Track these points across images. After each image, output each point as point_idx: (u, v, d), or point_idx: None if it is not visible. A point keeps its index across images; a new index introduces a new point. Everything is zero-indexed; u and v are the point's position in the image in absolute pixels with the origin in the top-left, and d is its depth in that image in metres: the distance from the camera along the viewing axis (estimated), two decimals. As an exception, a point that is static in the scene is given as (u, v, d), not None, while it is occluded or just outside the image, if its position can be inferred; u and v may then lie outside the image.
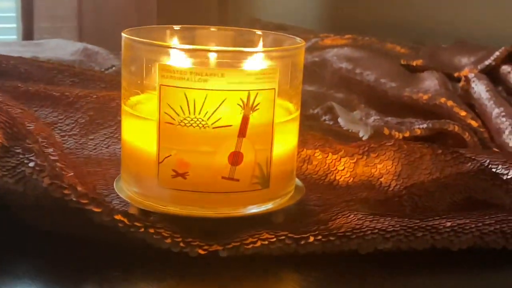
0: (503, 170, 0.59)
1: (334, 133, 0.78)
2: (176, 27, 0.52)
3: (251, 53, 0.46)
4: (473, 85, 0.87)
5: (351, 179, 0.58)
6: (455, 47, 1.08)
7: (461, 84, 0.90)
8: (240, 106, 0.45)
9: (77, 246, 0.47)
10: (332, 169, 0.59)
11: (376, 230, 0.46)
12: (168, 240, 0.45)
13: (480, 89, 0.86)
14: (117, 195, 0.53)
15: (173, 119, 0.45)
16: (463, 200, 0.53)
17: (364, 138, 0.78)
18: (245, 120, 0.46)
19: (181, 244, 0.45)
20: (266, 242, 0.45)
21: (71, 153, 0.62)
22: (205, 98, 0.45)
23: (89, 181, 0.54)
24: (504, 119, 0.79)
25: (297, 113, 0.50)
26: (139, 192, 0.49)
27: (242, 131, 0.46)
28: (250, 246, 0.45)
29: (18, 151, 0.48)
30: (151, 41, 0.47)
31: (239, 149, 0.46)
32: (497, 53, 0.93)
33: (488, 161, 0.59)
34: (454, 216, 0.49)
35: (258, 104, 0.46)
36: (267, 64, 0.46)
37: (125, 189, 0.50)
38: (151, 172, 0.47)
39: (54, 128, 0.65)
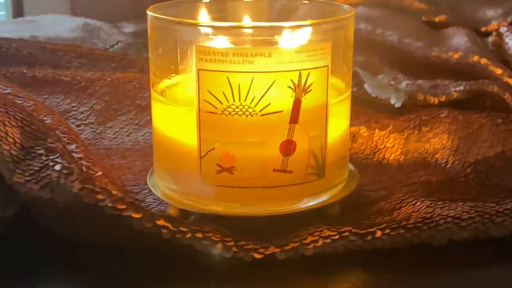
0: None
1: (362, 100, 0.72)
2: (205, 0, 0.46)
3: (301, 27, 0.40)
4: (506, 39, 0.82)
5: (402, 156, 0.53)
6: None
7: (492, 39, 0.85)
8: (291, 88, 0.40)
9: (113, 255, 0.42)
10: (381, 147, 0.53)
11: (450, 219, 0.41)
12: (219, 245, 0.39)
13: (514, 44, 0.80)
14: (150, 191, 0.48)
15: (215, 107, 0.40)
16: (530, 174, 0.48)
17: (396, 105, 0.73)
18: (297, 104, 0.40)
19: (234, 249, 0.39)
20: (329, 240, 0.40)
21: (89, 144, 0.57)
22: (251, 82, 0.39)
23: (116, 177, 0.49)
24: (546, 75, 0.74)
25: (349, 92, 0.44)
26: (178, 189, 0.43)
27: (294, 117, 0.40)
28: (311, 245, 0.40)
29: (40, 152, 0.42)
30: (184, 20, 0.41)
31: (291, 137, 0.40)
32: (527, 4, 0.87)
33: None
34: (532, 195, 0.44)
35: (311, 84, 0.40)
36: (318, 39, 0.40)
37: (160, 186, 0.45)
38: (192, 168, 0.41)
39: (68, 117, 0.60)
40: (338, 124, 0.43)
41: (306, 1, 0.47)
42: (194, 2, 0.47)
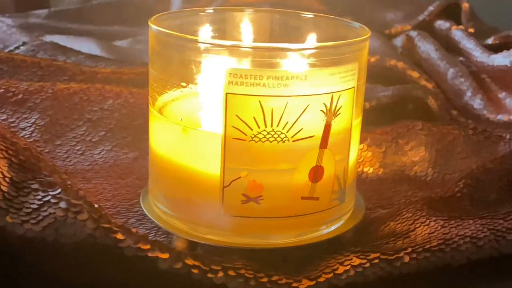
0: (525, 145, 0.55)
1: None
2: (208, 10, 0.43)
3: (333, 47, 0.38)
4: (418, 44, 0.84)
5: (381, 170, 0.52)
6: (374, 1, 1.04)
7: (402, 42, 0.86)
8: (323, 112, 0.38)
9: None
10: (359, 161, 0.53)
11: (468, 239, 0.41)
12: (253, 282, 0.37)
13: (428, 48, 0.82)
14: (137, 220, 0.44)
15: (244, 133, 0.37)
16: (506, 184, 0.50)
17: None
18: (327, 128, 0.38)
19: (268, 285, 0.37)
20: (361, 269, 0.39)
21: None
22: (285, 106, 0.37)
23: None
24: (462, 79, 0.76)
25: (362, 113, 0.43)
26: (187, 219, 0.40)
27: (324, 142, 0.38)
28: (344, 276, 0.38)
29: (35, 187, 0.37)
30: (212, 40, 0.37)
31: (320, 162, 0.38)
32: (430, 8, 0.90)
33: (508, 136, 0.56)
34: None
35: (340, 107, 0.38)
36: (347, 60, 0.39)
37: (161, 215, 0.41)
38: (212, 198, 0.38)
39: (8, 134, 0.53)
40: (355, 146, 0.42)
41: (310, 15, 0.45)
42: (197, 13, 0.43)
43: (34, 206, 0.36)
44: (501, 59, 0.74)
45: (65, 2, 1.27)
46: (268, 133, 0.37)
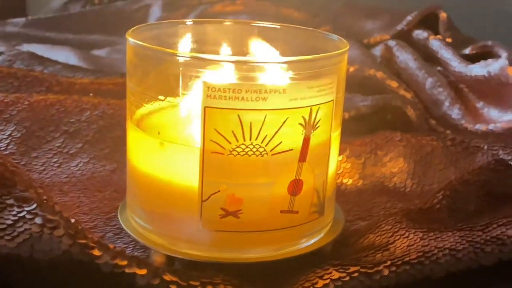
0: (504, 156, 0.56)
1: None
2: (187, 22, 0.42)
3: (312, 60, 0.38)
4: (397, 53, 0.84)
5: (361, 181, 0.52)
6: (353, 11, 1.04)
7: (381, 52, 0.87)
8: (302, 125, 0.37)
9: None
10: (338, 172, 0.52)
11: (447, 251, 0.41)
12: (232, 297, 0.36)
13: (406, 57, 0.83)
14: (115, 234, 0.44)
15: (223, 147, 0.36)
16: (484, 195, 0.50)
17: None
18: (306, 142, 0.38)
19: (247, 300, 0.37)
20: (340, 283, 0.38)
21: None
22: (264, 120, 0.36)
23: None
24: (441, 89, 0.77)
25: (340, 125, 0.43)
26: (166, 234, 0.39)
27: (303, 155, 0.38)
28: (324, 290, 0.38)
29: (9, 202, 0.36)
30: (188, 53, 0.37)
31: (299, 176, 0.38)
32: (409, 17, 0.91)
33: (486, 146, 0.56)
34: (510, 221, 0.45)
35: (319, 120, 0.38)
36: (324, 72, 0.38)
37: (139, 229, 0.41)
38: (190, 212, 0.38)
39: (-17, 147, 0.52)
40: (334, 159, 0.41)
41: (288, 28, 0.45)
42: (175, 25, 0.42)
43: (9, 221, 0.36)
44: (478, 69, 0.74)
45: (43, 10, 1.27)
46: (247, 147, 0.37)
